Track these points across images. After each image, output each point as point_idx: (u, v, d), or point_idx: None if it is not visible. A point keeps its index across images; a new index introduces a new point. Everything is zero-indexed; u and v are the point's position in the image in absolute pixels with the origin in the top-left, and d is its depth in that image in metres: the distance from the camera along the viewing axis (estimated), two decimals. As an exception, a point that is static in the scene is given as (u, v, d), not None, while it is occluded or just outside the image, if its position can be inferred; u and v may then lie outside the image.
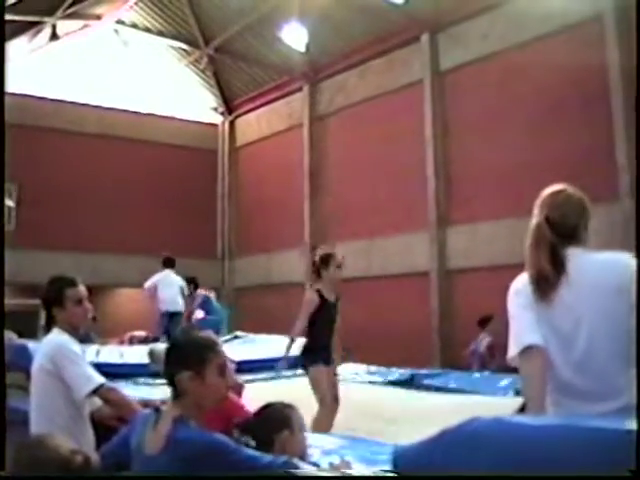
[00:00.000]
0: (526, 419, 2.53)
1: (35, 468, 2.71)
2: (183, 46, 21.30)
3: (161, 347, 3.09)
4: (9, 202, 18.16)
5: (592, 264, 3.13)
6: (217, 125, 23.32)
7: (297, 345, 7.17)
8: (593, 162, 12.97)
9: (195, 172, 22.01)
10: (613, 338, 2.96)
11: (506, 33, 14.75)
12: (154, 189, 21.00)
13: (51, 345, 4.19)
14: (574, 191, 3.38)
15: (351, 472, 3.15)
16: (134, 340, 14.10)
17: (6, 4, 16.00)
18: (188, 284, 12.96)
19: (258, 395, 4.48)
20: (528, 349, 2.96)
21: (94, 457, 2.84)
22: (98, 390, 4.08)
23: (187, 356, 3.03)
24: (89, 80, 20.90)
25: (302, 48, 17.70)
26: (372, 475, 2.84)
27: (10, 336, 7.46)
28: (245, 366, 6.38)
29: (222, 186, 23.00)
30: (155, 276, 12.64)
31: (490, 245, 14.43)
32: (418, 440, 2.63)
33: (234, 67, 21.65)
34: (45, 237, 18.73)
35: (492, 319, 12.47)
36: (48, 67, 20.30)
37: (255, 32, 19.55)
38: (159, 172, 21.12)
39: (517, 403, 5.97)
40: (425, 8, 16.09)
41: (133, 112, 21.63)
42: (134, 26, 20.85)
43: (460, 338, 14.12)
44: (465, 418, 2.42)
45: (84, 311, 4.35)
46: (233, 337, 11.36)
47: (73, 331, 4.27)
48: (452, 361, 12.97)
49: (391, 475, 2.73)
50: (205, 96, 22.88)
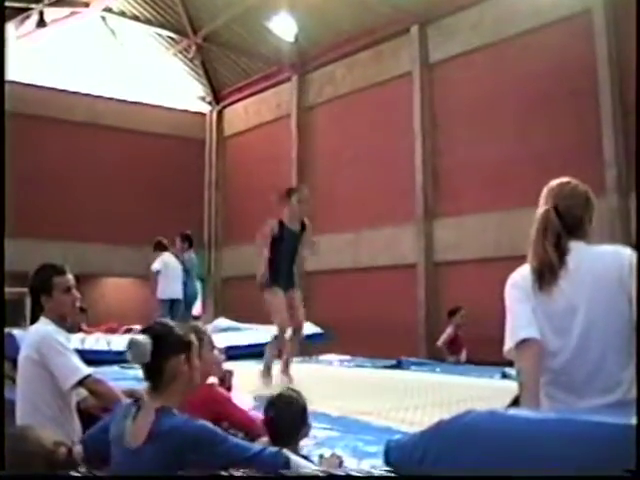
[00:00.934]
0: (520, 412, 2.54)
1: (19, 460, 2.70)
2: (171, 35, 21.19)
3: (141, 338, 3.04)
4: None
5: (593, 256, 3.12)
6: (205, 114, 23.24)
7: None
8: (580, 156, 12.99)
9: (182, 161, 21.93)
10: (612, 331, 2.96)
11: (495, 26, 14.75)
12: (141, 178, 20.91)
13: (37, 335, 4.15)
14: (580, 184, 3.39)
15: (340, 464, 3.15)
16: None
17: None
18: (182, 242, 12.92)
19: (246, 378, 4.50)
20: (524, 342, 2.96)
21: (77, 449, 2.83)
22: (84, 381, 4.06)
23: (175, 342, 3.09)
24: (76, 68, 20.77)
25: (291, 39, 17.65)
26: (372, 475, 2.83)
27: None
28: (232, 352, 6.39)
29: (209, 176, 22.94)
30: (158, 260, 12.48)
31: (477, 238, 14.46)
32: (410, 433, 2.62)
33: (222, 56, 21.56)
34: (31, 225, 18.61)
35: (459, 311, 12.56)
36: (35, 54, 20.15)
37: (244, 22, 19.46)
38: (146, 161, 21.03)
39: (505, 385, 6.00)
40: (415, 0, 16.06)
41: (121, 100, 21.52)
42: (122, 14, 20.72)
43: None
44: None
45: (72, 300, 4.31)
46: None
47: (61, 320, 4.24)
48: (438, 353, 12.98)
49: (391, 475, 2.72)
50: (193, 85, 22.79)
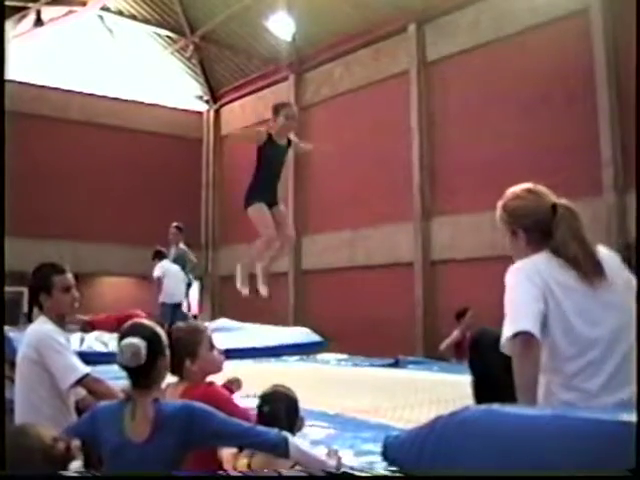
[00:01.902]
0: (517, 408, 2.53)
1: (18, 456, 2.72)
2: (169, 34, 21.19)
3: (135, 340, 3.08)
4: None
5: (607, 256, 3.16)
6: (202, 113, 23.22)
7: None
8: (577, 155, 13.02)
9: (179, 160, 21.91)
10: (632, 325, 2.96)
11: (493, 25, 14.76)
12: (138, 177, 20.88)
13: (36, 334, 4.16)
14: None
15: (339, 460, 3.17)
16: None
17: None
18: (180, 232, 13.16)
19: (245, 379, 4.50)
20: (525, 334, 2.88)
21: (74, 444, 2.85)
22: (83, 380, 4.06)
23: (162, 342, 3.20)
24: (74, 66, 20.75)
25: (288, 38, 17.68)
26: (372, 475, 2.85)
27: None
28: (231, 354, 6.39)
29: (206, 175, 22.93)
30: (158, 267, 12.53)
31: (474, 237, 14.45)
32: (408, 429, 2.63)
33: (220, 55, 21.55)
34: (27, 224, 18.56)
35: (467, 312, 12.16)
36: (32, 53, 20.13)
37: (241, 21, 19.46)
38: (143, 160, 21.00)
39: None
40: (412, -1, 16.09)
41: (117, 99, 21.49)
42: (119, 13, 20.71)
43: (443, 329, 14.13)
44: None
45: (71, 299, 4.32)
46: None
47: (59, 319, 4.24)
48: (435, 352, 12.98)
49: (390, 475, 2.73)
50: (190, 84, 22.77)
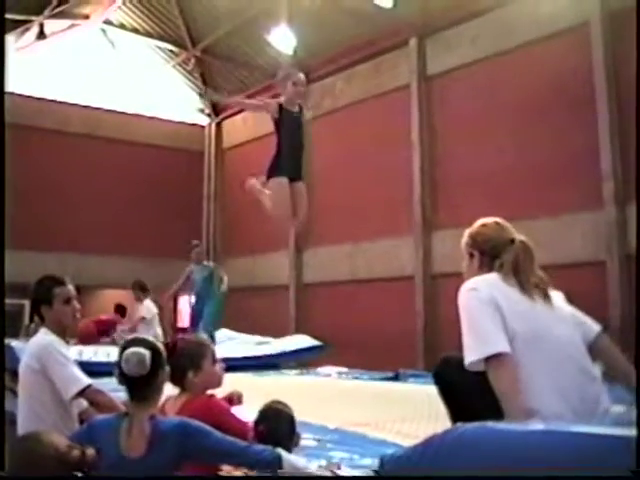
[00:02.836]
0: (512, 425, 2.56)
1: (33, 462, 2.74)
2: (171, 47, 21.27)
3: (141, 349, 3.13)
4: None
5: (556, 295, 3.48)
6: (204, 127, 23.28)
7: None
8: (578, 168, 13.05)
9: (181, 173, 21.96)
10: None
11: (494, 39, 14.80)
12: (140, 189, 20.93)
13: (39, 345, 4.19)
14: None
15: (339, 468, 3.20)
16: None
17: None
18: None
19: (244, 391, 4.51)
20: (500, 356, 2.99)
21: (89, 451, 2.87)
22: (85, 391, 4.08)
23: (162, 355, 3.25)
24: (76, 80, 20.84)
25: (290, 51, 17.73)
26: (371, 475, 2.87)
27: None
28: (230, 363, 6.39)
29: (208, 188, 22.96)
30: (145, 306, 12.34)
31: (475, 250, 14.43)
32: (405, 447, 2.65)
33: (221, 69, 21.63)
34: (29, 237, 18.61)
35: None
36: (34, 66, 20.21)
37: (243, 34, 19.53)
38: (145, 172, 21.06)
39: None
40: (413, 13, 16.12)
41: (119, 112, 21.57)
42: (122, 26, 20.82)
43: (445, 343, 14.14)
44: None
45: (72, 310, 4.37)
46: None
47: (61, 331, 4.28)
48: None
49: (387, 476, 2.76)
50: (192, 97, 22.85)
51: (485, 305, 3.14)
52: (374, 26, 16.78)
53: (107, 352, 8.79)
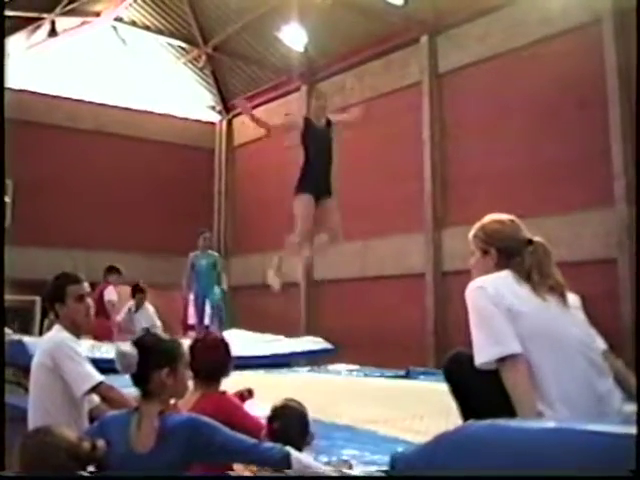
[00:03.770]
0: (523, 422, 2.56)
1: (44, 454, 2.76)
2: (182, 44, 21.29)
3: (128, 349, 3.16)
4: (5, 198, 18.13)
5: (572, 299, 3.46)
6: (215, 124, 23.29)
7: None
8: (589, 166, 13.01)
9: (192, 171, 21.97)
10: None
11: (505, 36, 14.77)
12: (150, 187, 20.96)
13: (52, 341, 4.23)
14: None
15: (350, 468, 3.20)
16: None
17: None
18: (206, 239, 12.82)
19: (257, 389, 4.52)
20: (514, 356, 2.99)
21: (100, 444, 2.89)
22: (97, 388, 4.10)
23: (159, 355, 3.22)
24: (87, 77, 20.89)
25: (300, 48, 17.71)
26: (372, 475, 2.88)
27: (6, 331, 7.47)
28: (241, 362, 6.40)
29: (219, 185, 22.97)
30: (150, 314, 12.30)
31: (486, 248, 14.41)
32: (416, 444, 2.65)
33: (232, 66, 21.64)
34: (40, 234, 18.69)
35: None
36: (46, 63, 20.28)
37: (254, 32, 19.55)
38: (155, 170, 21.08)
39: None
40: (424, 10, 16.10)
41: (130, 109, 21.60)
42: (133, 23, 20.85)
43: (455, 341, 14.11)
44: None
45: (85, 308, 4.40)
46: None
47: (74, 328, 4.31)
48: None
49: (391, 475, 2.76)
50: (203, 94, 22.87)
51: (494, 304, 3.13)
52: (385, 23, 16.77)
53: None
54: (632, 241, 12.10)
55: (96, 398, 4.21)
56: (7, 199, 18.23)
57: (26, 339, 6.54)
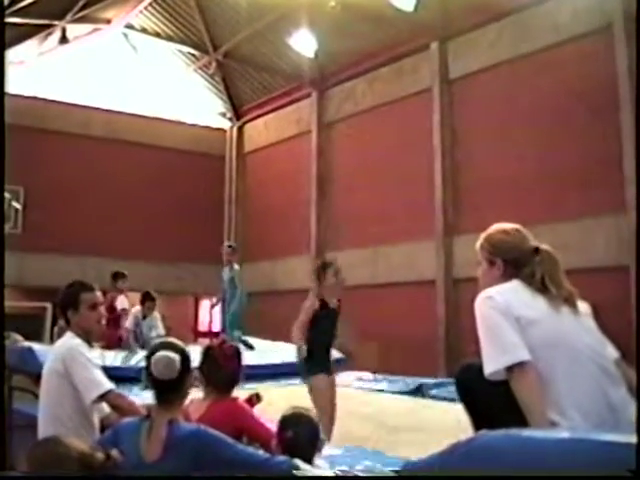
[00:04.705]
0: (536, 433, 2.53)
1: (54, 464, 2.72)
2: (192, 51, 21.37)
3: (170, 354, 3.16)
4: (16, 204, 18.21)
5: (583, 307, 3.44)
6: (225, 130, 23.34)
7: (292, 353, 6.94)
8: (601, 172, 12.97)
9: (202, 177, 22.00)
10: None
11: (515, 42, 14.76)
12: (161, 193, 21.00)
13: (64, 348, 4.24)
14: None
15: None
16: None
17: (17, 7, 16.10)
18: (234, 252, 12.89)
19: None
20: (522, 364, 2.96)
21: (114, 453, 2.87)
22: (106, 395, 4.09)
23: (189, 359, 3.32)
24: (98, 84, 20.99)
25: (311, 55, 17.75)
26: (373, 475, 2.86)
27: (16, 338, 7.47)
28: (250, 372, 6.34)
29: (229, 192, 22.99)
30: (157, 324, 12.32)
31: (497, 254, 14.37)
32: (428, 454, 2.63)
33: (243, 73, 21.68)
34: (51, 240, 18.74)
35: None
36: (57, 70, 20.37)
37: (264, 38, 19.59)
38: (166, 177, 21.12)
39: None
40: (435, 16, 16.11)
41: (140, 116, 21.67)
42: (143, 31, 20.95)
43: (467, 349, 14.08)
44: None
45: (98, 316, 4.43)
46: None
47: (86, 335, 4.32)
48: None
49: (392, 475, 2.75)
50: (213, 101, 22.93)
51: (502, 314, 3.11)
52: (395, 30, 16.78)
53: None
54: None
55: (106, 407, 4.21)
56: (18, 205, 18.31)
57: (36, 347, 6.53)
